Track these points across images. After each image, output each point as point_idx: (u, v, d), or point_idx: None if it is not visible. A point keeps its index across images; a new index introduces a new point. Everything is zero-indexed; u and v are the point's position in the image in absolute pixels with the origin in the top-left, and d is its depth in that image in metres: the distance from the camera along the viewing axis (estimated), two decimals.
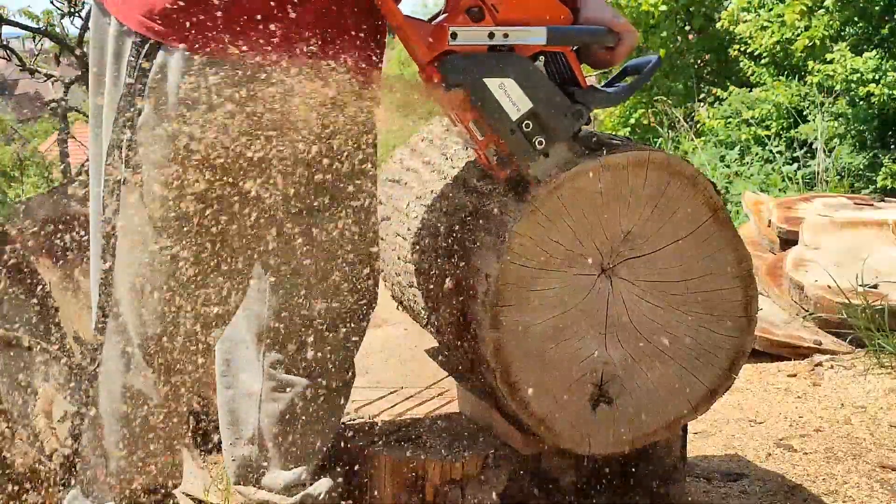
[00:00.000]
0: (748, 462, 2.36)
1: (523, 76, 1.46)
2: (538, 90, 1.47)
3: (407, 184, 2.01)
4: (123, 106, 1.44)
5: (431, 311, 1.80)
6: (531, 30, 1.46)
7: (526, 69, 1.46)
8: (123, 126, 1.44)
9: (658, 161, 1.52)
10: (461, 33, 1.44)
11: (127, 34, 1.45)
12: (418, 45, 1.45)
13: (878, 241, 3.62)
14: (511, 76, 1.46)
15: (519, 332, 1.52)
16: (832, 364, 3.06)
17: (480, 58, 1.45)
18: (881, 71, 5.95)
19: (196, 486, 2.13)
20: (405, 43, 1.48)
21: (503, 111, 1.46)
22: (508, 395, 1.54)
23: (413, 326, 2.34)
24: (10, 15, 6.16)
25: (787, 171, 6.10)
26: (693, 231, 1.56)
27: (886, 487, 2.18)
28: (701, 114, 7.36)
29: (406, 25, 1.45)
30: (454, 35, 1.43)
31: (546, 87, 1.48)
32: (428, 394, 2.00)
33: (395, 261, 1.99)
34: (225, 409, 1.78)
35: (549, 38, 1.47)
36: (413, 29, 1.45)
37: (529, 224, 1.49)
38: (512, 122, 1.47)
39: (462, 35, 1.44)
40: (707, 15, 8.39)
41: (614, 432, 1.60)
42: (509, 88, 1.46)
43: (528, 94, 1.46)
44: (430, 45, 1.45)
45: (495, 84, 1.45)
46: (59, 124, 6.50)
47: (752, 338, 1.63)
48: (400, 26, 1.45)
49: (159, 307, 1.50)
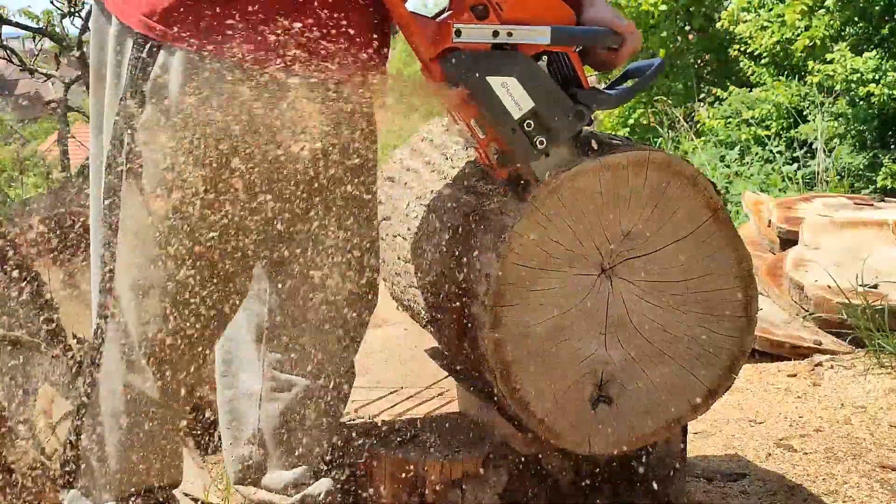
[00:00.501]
0: (748, 462, 2.36)
1: (526, 75, 1.46)
2: (540, 90, 1.47)
3: (407, 184, 2.01)
4: (124, 106, 1.44)
5: (431, 311, 1.80)
6: (535, 29, 1.46)
7: (529, 68, 1.46)
8: (124, 126, 1.44)
9: (658, 161, 1.52)
10: (465, 31, 1.44)
11: (128, 34, 1.45)
12: (422, 41, 1.45)
13: (878, 241, 3.62)
14: (514, 75, 1.45)
15: (519, 332, 1.52)
16: (832, 364, 3.06)
17: (484, 56, 1.45)
18: (881, 71, 5.95)
19: (196, 486, 2.13)
20: (409, 39, 1.48)
21: (505, 110, 1.46)
22: (508, 395, 1.54)
23: (413, 326, 2.34)
24: (10, 15, 6.17)
25: (787, 171, 6.10)
26: (693, 231, 1.56)
27: (886, 487, 2.18)
28: (701, 114, 7.35)
29: (410, 22, 1.45)
30: (458, 32, 1.43)
31: (548, 87, 1.48)
32: (428, 394, 2.00)
33: (395, 261, 1.99)
34: (225, 408, 1.78)
35: (553, 37, 1.47)
36: (417, 25, 1.45)
37: (529, 224, 1.49)
38: (513, 121, 1.47)
39: (466, 33, 1.44)
40: (707, 15, 8.39)
41: (614, 432, 1.60)
42: (512, 87, 1.46)
43: (530, 93, 1.46)
44: (433, 42, 1.45)
45: (498, 83, 1.45)
46: (59, 124, 6.50)
47: (752, 338, 1.62)
48: (404, 23, 1.45)
49: (160, 307, 1.49)
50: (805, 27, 6.62)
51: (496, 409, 1.73)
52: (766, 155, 6.43)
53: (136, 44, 1.43)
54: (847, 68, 5.99)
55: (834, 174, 5.97)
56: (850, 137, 6.25)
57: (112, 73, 1.48)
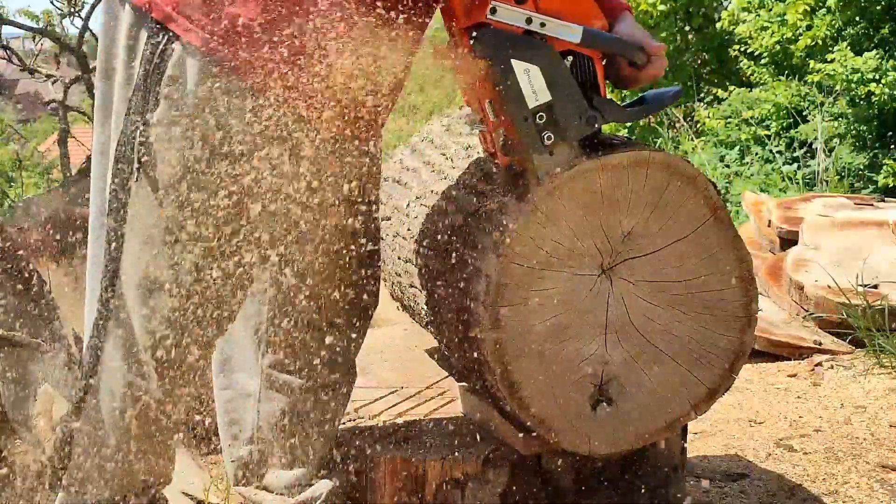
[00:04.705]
0: (748, 462, 2.36)
1: (549, 68, 1.46)
2: (560, 85, 1.47)
3: (407, 184, 2.01)
4: (136, 101, 1.41)
5: (431, 311, 1.80)
6: (568, 25, 1.47)
7: (553, 62, 1.46)
8: (136, 122, 1.41)
9: (658, 161, 1.52)
10: (501, 10, 1.44)
11: (143, 25, 1.41)
12: (458, 8, 1.46)
13: (878, 241, 3.62)
14: (538, 64, 1.45)
15: (519, 332, 1.52)
16: (832, 364, 3.06)
17: (513, 38, 1.45)
18: (881, 71, 5.94)
19: (196, 486, 2.13)
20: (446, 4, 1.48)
21: (522, 97, 1.46)
22: (508, 395, 1.54)
23: (413, 326, 2.34)
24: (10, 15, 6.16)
25: (787, 171, 6.10)
26: (693, 231, 1.56)
27: (886, 487, 2.18)
28: (701, 114, 7.35)
29: None
30: (494, 10, 1.44)
31: (568, 85, 1.48)
32: (428, 394, 2.00)
33: (395, 261, 1.99)
34: (223, 409, 1.77)
35: (584, 38, 1.48)
36: None
37: (529, 224, 1.49)
38: (527, 110, 1.47)
39: (502, 12, 1.44)
40: (706, 15, 8.39)
41: (614, 432, 1.60)
42: (533, 76, 1.46)
43: (549, 86, 1.46)
44: (468, 13, 1.45)
45: (521, 68, 1.45)
46: (59, 124, 6.49)
47: (752, 338, 1.62)
48: None
49: (166, 307, 1.48)
50: (807, 27, 6.62)
51: (496, 409, 1.73)
52: (766, 155, 6.42)
53: (150, 37, 1.40)
54: (847, 68, 5.99)
55: (834, 174, 5.96)
56: (850, 137, 6.25)
57: (124, 67, 1.45)
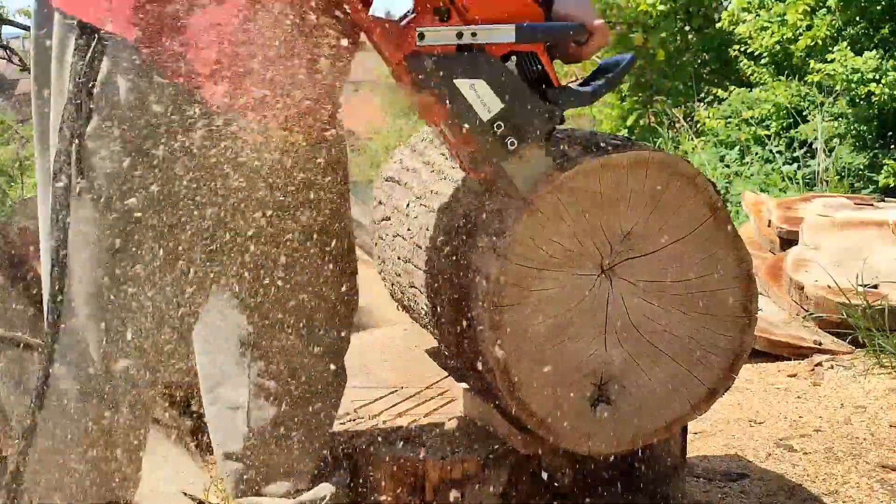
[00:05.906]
0: (748, 462, 2.36)
1: (494, 76, 1.43)
2: (509, 90, 1.44)
3: (407, 184, 2.01)
4: (69, 114, 1.35)
5: (431, 311, 1.80)
6: (499, 28, 1.43)
7: (497, 69, 1.43)
8: (71, 136, 1.35)
9: (658, 161, 1.52)
10: (429, 34, 1.41)
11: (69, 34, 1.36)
12: (386, 46, 1.42)
13: (878, 241, 3.62)
14: (482, 77, 1.42)
15: (519, 332, 1.52)
16: (832, 364, 3.06)
17: (450, 58, 1.42)
18: (881, 71, 5.95)
19: (196, 486, 2.13)
20: (373, 44, 1.45)
21: (474, 113, 1.43)
22: (508, 395, 1.54)
23: (413, 326, 2.34)
24: (10, 15, 6.17)
25: (787, 171, 6.10)
26: (693, 231, 1.56)
27: (886, 487, 2.18)
28: (701, 114, 7.36)
29: (373, 26, 1.42)
30: (421, 36, 1.40)
31: (517, 88, 1.44)
32: (428, 394, 2.00)
33: (395, 261, 1.99)
34: (213, 424, 1.73)
35: (518, 36, 1.44)
36: (380, 30, 1.42)
37: (529, 224, 1.49)
38: (483, 124, 1.44)
39: (430, 35, 1.41)
40: (706, 15, 8.39)
41: (614, 432, 1.60)
42: (480, 89, 1.43)
43: (498, 94, 1.43)
44: (398, 47, 1.41)
45: (466, 85, 1.42)
46: None
47: (752, 338, 1.62)
48: (367, 28, 1.42)
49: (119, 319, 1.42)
50: (807, 27, 6.62)
51: (496, 409, 1.73)
52: (766, 155, 6.43)
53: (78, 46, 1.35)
54: (847, 68, 5.99)
55: (834, 174, 5.97)
56: (850, 137, 6.25)
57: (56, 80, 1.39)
